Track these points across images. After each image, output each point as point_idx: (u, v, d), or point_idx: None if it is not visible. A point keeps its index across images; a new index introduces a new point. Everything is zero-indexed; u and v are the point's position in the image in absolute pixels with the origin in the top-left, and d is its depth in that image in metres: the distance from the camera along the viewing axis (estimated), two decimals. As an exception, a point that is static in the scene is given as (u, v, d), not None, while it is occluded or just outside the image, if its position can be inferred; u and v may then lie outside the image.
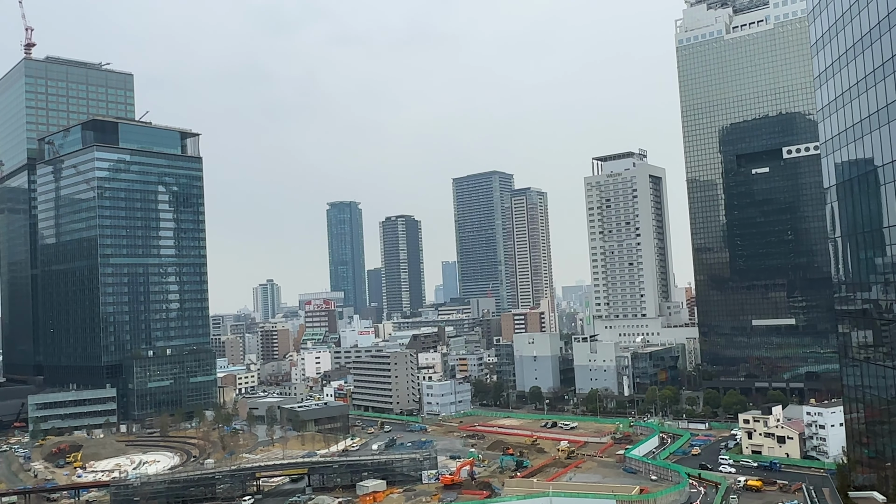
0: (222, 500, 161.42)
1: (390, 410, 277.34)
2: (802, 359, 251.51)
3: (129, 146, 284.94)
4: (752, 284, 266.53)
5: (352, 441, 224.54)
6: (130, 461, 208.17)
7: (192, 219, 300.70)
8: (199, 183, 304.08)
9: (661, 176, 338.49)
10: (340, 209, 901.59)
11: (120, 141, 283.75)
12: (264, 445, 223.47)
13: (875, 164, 66.40)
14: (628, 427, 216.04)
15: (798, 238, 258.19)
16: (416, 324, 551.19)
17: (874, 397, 70.81)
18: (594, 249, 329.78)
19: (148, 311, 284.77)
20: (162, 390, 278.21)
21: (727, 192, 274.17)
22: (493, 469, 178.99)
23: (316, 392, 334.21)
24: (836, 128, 76.46)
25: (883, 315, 68.05)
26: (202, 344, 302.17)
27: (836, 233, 78.55)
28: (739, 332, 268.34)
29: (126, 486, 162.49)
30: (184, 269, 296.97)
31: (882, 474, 67.97)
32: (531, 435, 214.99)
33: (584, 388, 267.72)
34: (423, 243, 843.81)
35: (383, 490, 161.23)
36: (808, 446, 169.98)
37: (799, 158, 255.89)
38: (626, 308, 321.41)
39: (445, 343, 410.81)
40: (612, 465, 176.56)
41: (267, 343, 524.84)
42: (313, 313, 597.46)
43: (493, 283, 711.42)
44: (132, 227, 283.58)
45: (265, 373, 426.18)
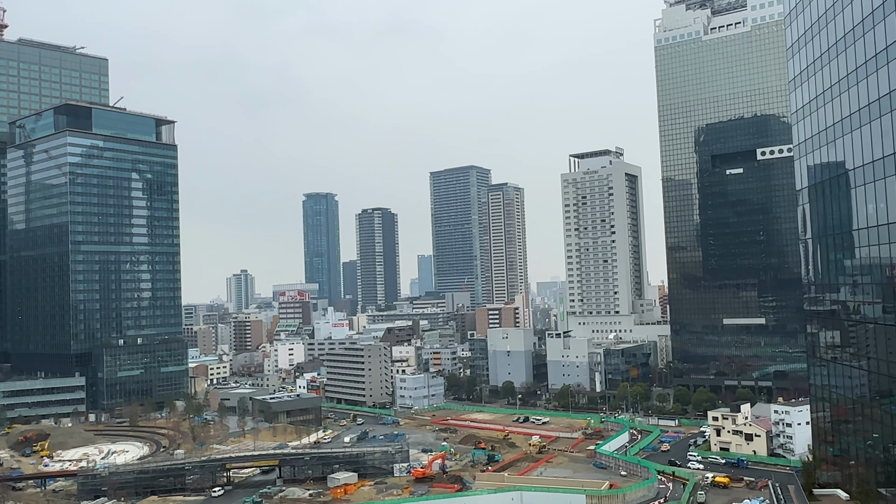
0: (192, 490, 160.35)
1: (363, 403, 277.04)
2: (771, 358, 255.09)
3: (102, 132, 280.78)
4: (723, 284, 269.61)
5: (324, 433, 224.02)
6: (99, 451, 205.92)
7: (165, 207, 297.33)
8: (173, 171, 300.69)
9: (637, 174, 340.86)
10: (316, 200, 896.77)
11: (93, 126, 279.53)
12: (235, 436, 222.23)
13: (847, 168, 67.44)
14: (599, 423, 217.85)
15: (770, 239, 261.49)
16: (390, 317, 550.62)
17: (840, 397, 72.07)
18: (569, 246, 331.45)
19: (119, 300, 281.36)
20: (132, 380, 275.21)
21: (701, 191, 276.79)
22: (464, 463, 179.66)
23: (288, 384, 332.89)
24: (809, 130, 77.49)
25: (851, 316, 69.22)
26: (174, 333, 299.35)
27: (807, 234, 79.69)
28: (710, 330, 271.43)
29: (94, 476, 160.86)
30: (156, 258, 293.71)
31: (846, 472, 69.24)
32: (503, 429, 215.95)
33: (556, 383, 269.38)
34: (400, 236, 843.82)
35: (354, 483, 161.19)
36: (775, 444, 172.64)
37: (772, 160, 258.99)
38: (600, 305, 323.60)
39: (419, 337, 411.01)
40: (582, 461, 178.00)
41: (240, 334, 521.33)
42: (287, 304, 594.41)
43: (469, 277, 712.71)
44: (104, 215, 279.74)
45: (237, 364, 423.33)
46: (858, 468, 65.93)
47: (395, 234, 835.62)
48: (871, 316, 63.83)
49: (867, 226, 62.83)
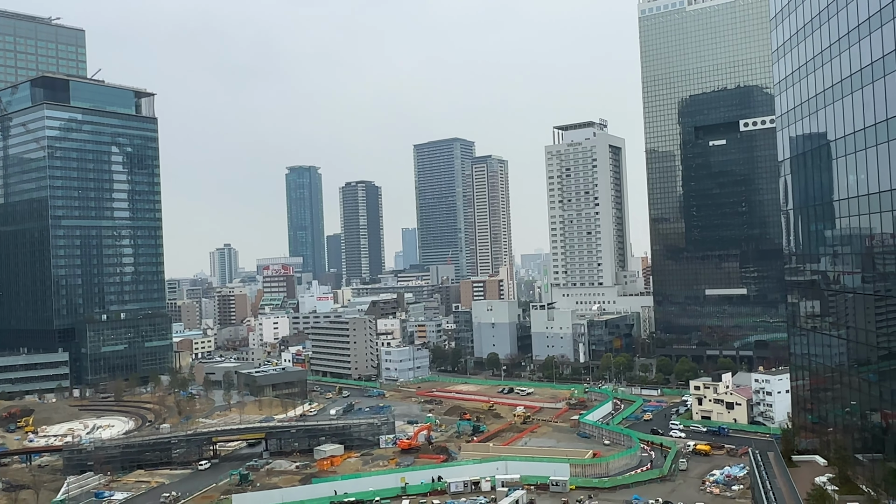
0: (178, 464, 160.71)
1: (348, 376, 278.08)
2: (752, 328, 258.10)
3: (80, 105, 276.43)
4: (706, 255, 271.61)
5: (310, 406, 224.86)
6: (84, 426, 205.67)
7: (146, 181, 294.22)
8: (153, 144, 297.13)
9: (620, 146, 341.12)
10: (300, 174, 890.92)
11: (71, 99, 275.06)
12: (221, 410, 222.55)
13: (828, 139, 67.77)
14: (583, 393, 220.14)
15: (752, 210, 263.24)
16: (375, 290, 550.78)
17: (819, 365, 73.16)
18: (553, 218, 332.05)
19: (101, 275, 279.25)
20: (116, 355, 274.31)
21: (685, 163, 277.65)
22: (450, 434, 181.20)
23: (274, 357, 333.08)
24: (792, 101, 77.68)
25: (830, 286, 70.04)
26: (157, 308, 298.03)
27: (789, 205, 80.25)
28: (693, 301, 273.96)
29: (79, 451, 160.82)
30: (138, 232, 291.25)
31: (824, 439, 70.52)
32: (488, 400, 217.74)
33: (540, 354, 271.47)
34: (384, 209, 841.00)
35: (341, 454, 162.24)
36: (756, 412, 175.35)
37: (755, 131, 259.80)
38: (584, 276, 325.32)
39: (404, 309, 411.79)
40: (566, 430, 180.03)
41: (224, 308, 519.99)
42: (271, 278, 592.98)
43: (453, 250, 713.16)
44: (84, 189, 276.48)
45: (222, 338, 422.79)
46: (836, 435, 67.15)
47: (379, 207, 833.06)
48: (851, 286, 64.62)
49: (847, 196, 63.35)
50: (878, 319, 59.16)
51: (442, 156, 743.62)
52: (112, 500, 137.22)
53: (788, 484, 58.75)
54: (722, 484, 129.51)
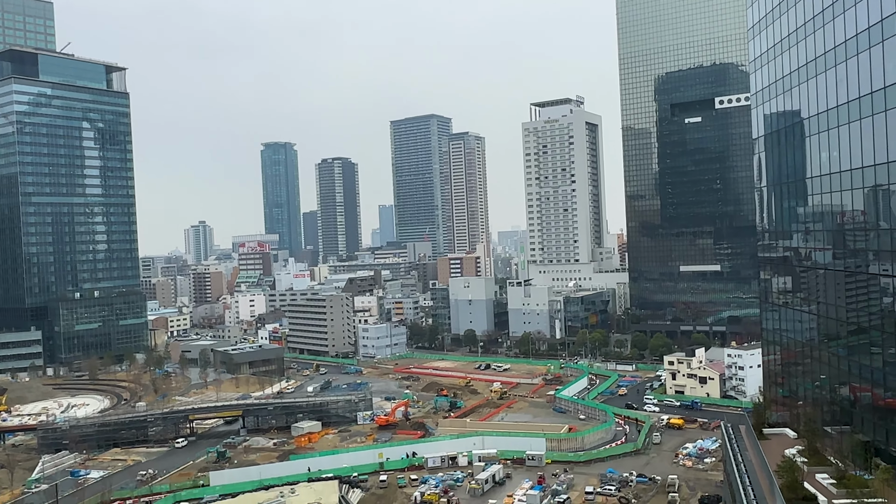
0: (155, 442, 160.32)
1: (326, 353, 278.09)
2: (726, 303, 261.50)
3: (50, 79, 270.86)
4: (680, 231, 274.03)
5: (287, 383, 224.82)
6: (58, 404, 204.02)
7: (119, 157, 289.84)
8: (125, 120, 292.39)
9: (597, 123, 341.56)
10: (275, 150, 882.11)
11: (40, 73, 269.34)
12: (198, 388, 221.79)
13: (802, 117, 68.33)
14: (559, 369, 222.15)
15: (726, 187, 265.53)
16: (352, 267, 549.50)
17: (790, 340, 74.38)
18: (530, 195, 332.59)
19: (74, 252, 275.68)
20: (90, 333, 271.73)
21: (660, 140, 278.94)
22: (427, 410, 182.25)
23: (250, 335, 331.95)
24: (766, 79, 78.14)
25: (802, 262, 71.03)
26: (132, 286, 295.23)
27: (763, 182, 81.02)
28: (667, 277, 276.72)
29: (54, 430, 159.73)
30: (111, 209, 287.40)
31: (794, 412, 71.90)
32: (465, 377, 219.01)
33: (517, 331, 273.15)
34: (360, 186, 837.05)
35: (318, 431, 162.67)
36: (728, 387, 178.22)
37: (730, 109, 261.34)
38: (560, 253, 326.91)
39: (381, 287, 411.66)
40: (542, 406, 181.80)
41: (199, 286, 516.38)
42: (247, 256, 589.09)
43: (430, 227, 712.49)
44: (55, 165, 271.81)
45: (198, 316, 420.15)
46: (806, 408, 68.46)
47: (356, 183, 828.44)
48: (822, 262, 65.57)
49: (820, 174, 64.05)
50: (848, 295, 60.19)
51: (419, 132, 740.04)
52: (88, 478, 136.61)
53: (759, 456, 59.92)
54: (694, 457, 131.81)
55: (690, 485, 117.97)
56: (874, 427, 54.63)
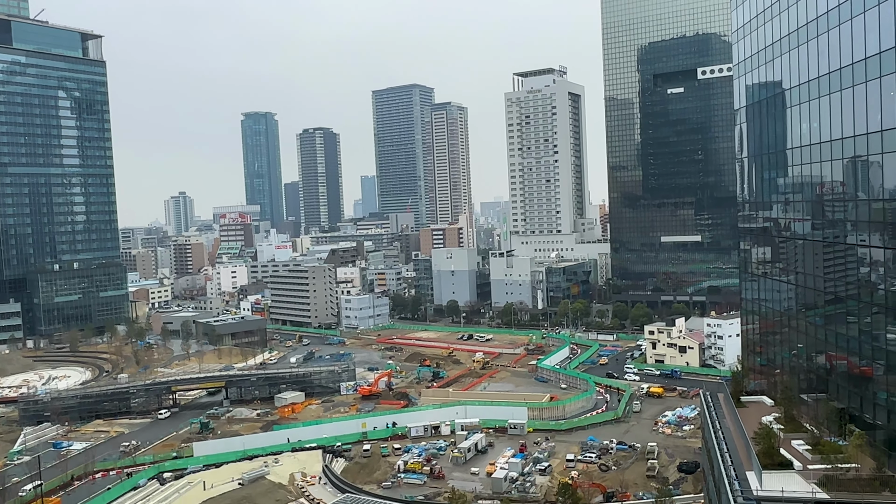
0: (138, 413, 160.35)
1: (308, 324, 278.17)
2: (706, 274, 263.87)
3: (24, 47, 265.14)
4: (662, 202, 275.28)
5: (270, 354, 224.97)
6: (39, 377, 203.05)
7: (96, 127, 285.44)
8: (102, 89, 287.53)
9: (580, 93, 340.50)
10: (255, 120, 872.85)
11: (14, 41, 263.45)
12: (180, 360, 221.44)
13: (783, 87, 68.46)
14: (541, 339, 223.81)
15: (708, 158, 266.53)
16: (334, 238, 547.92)
17: (769, 310, 75.27)
18: (513, 166, 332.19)
19: (52, 224, 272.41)
20: (70, 305, 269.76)
21: (643, 111, 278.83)
22: (410, 380, 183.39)
23: (232, 306, 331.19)
24: (749, 50, 78.06)
25: (782, 233, 71.62)
26: (112, 258, 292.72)
27: (744, 153, 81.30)
28: (649, 248, 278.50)
29: (35, 402, 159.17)
30: (89, 180, 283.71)
31: (771, 381, 72.98)
32: (448, 347, 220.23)
33: (499, 301, 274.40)
34: (342, 157, 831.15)
35: (302, 401, 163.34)
36: (707, 356, 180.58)
37: (713, 79, 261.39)
38: (543, 224, 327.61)
39: (364, 258, 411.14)
40: (524, 375, 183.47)
41: (180, 257, 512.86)
42: (228, 227, 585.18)
43: (413, 198, 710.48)
44: (31, 135, 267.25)
45: (179, 287, 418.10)
46: (783, 376, 69.50)
47: (338, 154, 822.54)
48: (801, 232, 66.16)
49: (800, 145, 64.36)
50: (826, 265, 60.85)
51: (401, 102, 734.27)
52: (71, 450, 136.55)
53: (737, 423, 60.92)
54: (674, 424, 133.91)
55: (669, 452, 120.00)
56: (849, 395, 55.66)
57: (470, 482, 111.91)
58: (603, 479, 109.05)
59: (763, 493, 46.45)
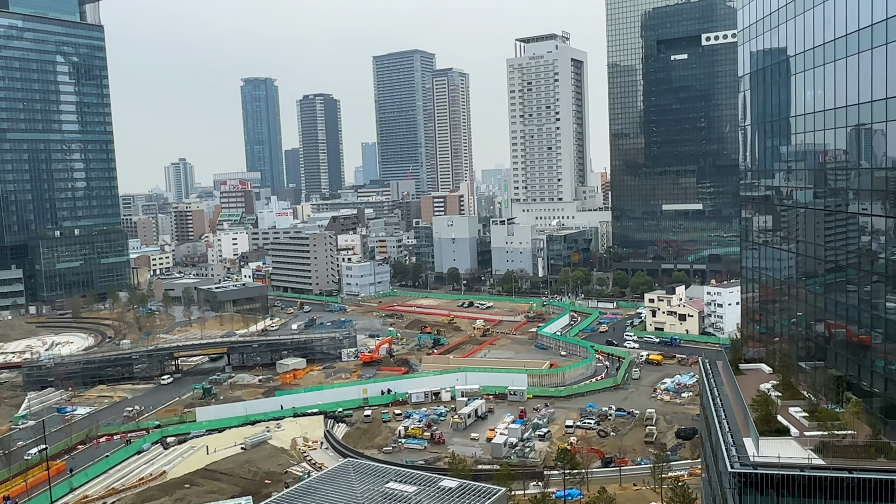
0: (140, 379, 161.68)
1: (310, 291, 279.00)
2: (706, 242, 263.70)
3: (20, 10, 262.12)
4: (664, 170, 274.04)
5: (271, 321, 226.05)
6: (42, 342, 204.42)
7: (95, 92, 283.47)
8: (101, 54, 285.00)
9: (582, 60, 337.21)
10: (255, 86, 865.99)
11: (10, 4, 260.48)
12: (182, 326, 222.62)
13: (788, 54, 67.78)
14: (541, 306, 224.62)
15: (710, 126, 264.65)
16: (335, 205, 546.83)
17: (769, 278, 75.42)
18: (514, 133, 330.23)
19: (52, 190, 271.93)
20: (72, 271, 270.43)
21: (646, 77, 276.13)
22: (411, 347, 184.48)
23: (233, 273, 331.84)
24: (754, 15, 77.13)
25: (783, 201, 71.47)
26: (112, 224, 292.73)
27: (747, 121, 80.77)
28: (650, 216, 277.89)
29: (39, 367, 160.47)
30: (89, 146, 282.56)
31: (770, 348, 73.39)
32: (448, 314, 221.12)
33: (500, 269, 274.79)
34: (343, 124, 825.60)
35: (303, 368, 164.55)
36: (707, 324, 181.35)
37: (717, 46, 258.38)
38: (544, 192, 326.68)
39: (365, 225, 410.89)
40: (524, 342, 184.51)
41: (181, 224, 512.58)
42: (229, 194, 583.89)
43: (414, 165, 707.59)
44: (30, 101, 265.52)
45: (180, 254, 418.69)
46: (782, 344, 69.88)
47: (339, 121, 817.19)
48: (802, 201, 66.00)
49: (804, 112, 63.92)
50: (827, 234, 60.81)
51: (402, 68, 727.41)
52: (74, 414, 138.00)
53: (735, 390, 61.36)
54: (672, 391, 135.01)
55: (668, 418, 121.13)
56: (847, 362, 56.02)
57: (470, 447, 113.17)
58: (601, 444, 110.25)
59: (760, 459, 46.95)
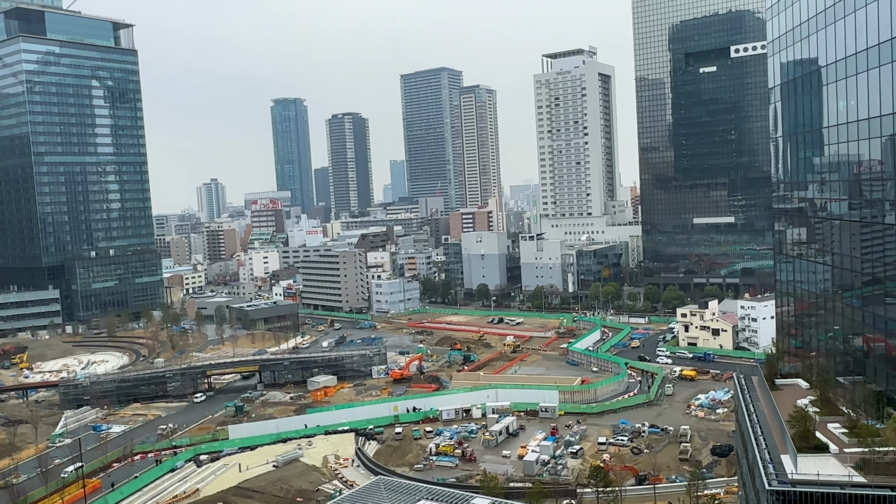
0: (174, 397, 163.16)
1: (340, 309, 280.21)
2: (739, 255, 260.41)
3: (58, 37, 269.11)
4: (694, 183, 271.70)
5: (302, 339, 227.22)
6: (78, 361, 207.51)
7: (129, 115, 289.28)
8: (135, 77, 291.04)
9: (610, 74, 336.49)
10: (285, 106, 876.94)
11: (48, 31, 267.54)
12: (214, 344, 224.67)
13: (819, 64, 67.04)
14: (572, 322, 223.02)
15: (741, 138, 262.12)
16: (364, 223, 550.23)
17: (804, 291, 74.18)
18: (542, 148, 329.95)
19: (88, 211, 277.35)
20: (107, 291, 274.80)
21: (674, 91, 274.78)
22: (441, 363, 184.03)
23: (265, 291, 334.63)
24: (783, 26, 76.50)
25: (817, 213, 70.42)
26: (146, 244, 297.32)
27: (778, 133, 79.93)
28: (681, 230, 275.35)
29: (75, 386, 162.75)
30: (123, 168, 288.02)
31: (807, 363, 72.03)
32: (478, 330, 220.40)
33: (529, 284, 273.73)
34: (371, 142, 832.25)
35: (334, 385, 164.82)
36: (741, 338, 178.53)
37: (746, 58, 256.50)
38: (573, 207, 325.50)
39: (394, 242, 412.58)
40: (555, 359, 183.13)
41: (213, 243, 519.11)
42: (260, 213, 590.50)
43: (442, 182, 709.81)
44: (66, 124, 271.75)
45: (212, 273, 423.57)
46: (818, 359, 68.60)
47: (367, 139, 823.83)
48: (838, 212, 65.00)
49: (837, 123, 63.08)
50: (863, 245, 59.74)
51: (429, 86, 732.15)
52: (110, 432, 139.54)
53: (771, 406, 60.25)
54: (707, 407, 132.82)
55: (702, 435, 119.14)
56: (887, 377, 54.79)
57: (501, 465, 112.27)
58: (635, 462, 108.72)
59: (798, 476, 45.99)
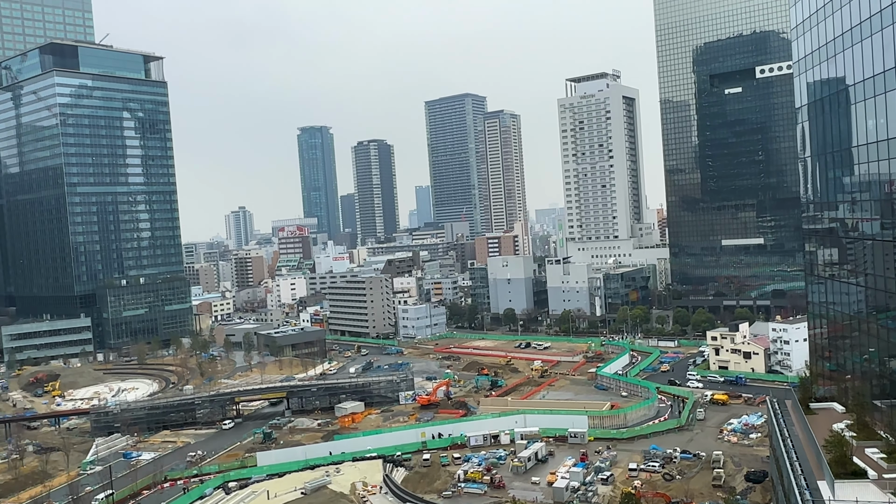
0: (203, 424, 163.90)
1: (367, 334, 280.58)
2: (769, 277, 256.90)
3: (90, 71, 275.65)
4: (722, 205, 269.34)
5: (329, 365, 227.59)
6: (109, 389, 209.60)
7: (159, 146, 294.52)
8: (164, 108, 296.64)
9: (634, 97, 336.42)
10: (311, 134, 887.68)
11: (80, 65, 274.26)
12: (242, 371, 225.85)
13: (847, 84, 66.47)
14: (600, 346, 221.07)
15: (769, 158, 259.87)
16: (390, 249, 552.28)
17: (837, 313, 72.89)
18: (567, 172, 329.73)
19: (119, 241, 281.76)
20: (137, 319, 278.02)
21: (700, 112, 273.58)
22: (468, 389, 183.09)
23: (292, 318, 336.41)
24: (809, 46, 76.09)
25: (849, 233, 69.40)
26: (176, 272, 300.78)
27: (806, 153, 79.17)
28: (709, 252, 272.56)
29: (106, 413, 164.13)
30: (153, 198, 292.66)
31: (842, 386, 70.60)
32: (505, 355, 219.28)
33: (557, 308, 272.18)
34: (396, 168, 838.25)
35: (362, 411, 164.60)
36: (773, 361, 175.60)
37: (772, 78, 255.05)
38: (599, 230, 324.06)
39: (420, 267, 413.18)
40: (584, 383, 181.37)
41: (241, 270, 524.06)
42: (287, 240, 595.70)
43: (467, 207, 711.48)
44: (98, 155, 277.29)
45: (240, 300, 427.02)
46: (854, 382, 67.20)
47: (392, 165, 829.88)
48: (870, 232, 63.99)
49: (867, 142, 62.33)
50: (898, 266, 58.69)
51: (454, 112, 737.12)
52: (140, 459, 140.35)
53: (806, 431, 59.01)
54: (739, 432, 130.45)
55: (736, 460, 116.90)
56: (926, 400, 53.55)
57: (531, 492, 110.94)
58: (667, 488, 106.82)
59: (836, 503, 44.87)
